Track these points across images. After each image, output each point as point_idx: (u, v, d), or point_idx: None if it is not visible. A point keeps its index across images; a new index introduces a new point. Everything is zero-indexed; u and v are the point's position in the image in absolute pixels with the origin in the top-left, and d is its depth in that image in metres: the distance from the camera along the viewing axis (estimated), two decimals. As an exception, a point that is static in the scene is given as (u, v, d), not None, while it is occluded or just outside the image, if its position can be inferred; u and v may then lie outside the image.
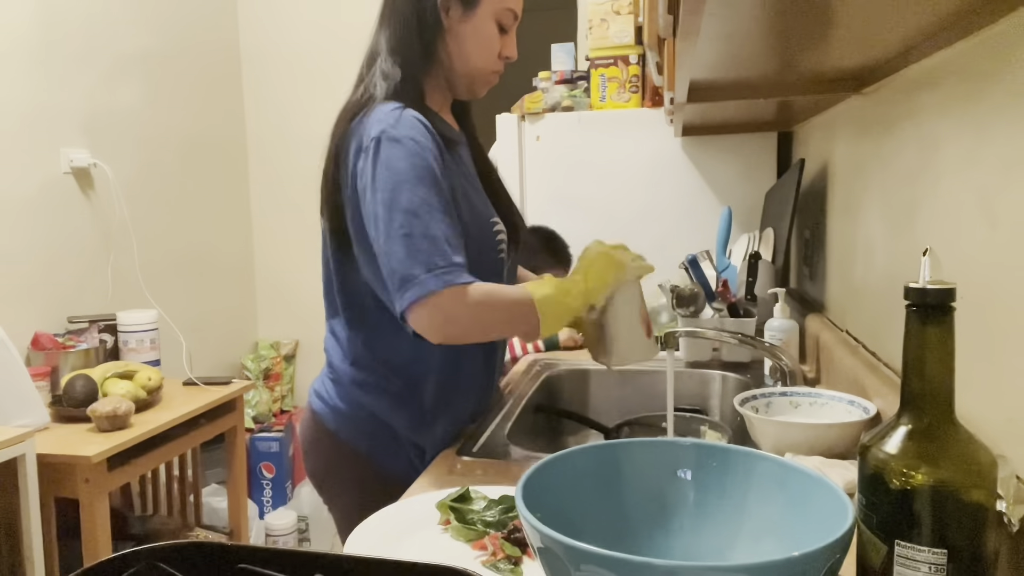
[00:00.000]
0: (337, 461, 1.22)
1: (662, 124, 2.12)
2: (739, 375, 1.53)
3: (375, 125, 1.05)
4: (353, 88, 1.18)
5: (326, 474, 1.24)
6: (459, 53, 1.14)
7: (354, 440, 1.19)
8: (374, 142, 1.04)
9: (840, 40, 0.95)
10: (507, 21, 1.15)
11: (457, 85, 1.18)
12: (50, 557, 1.78)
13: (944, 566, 0.50)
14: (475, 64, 1.15)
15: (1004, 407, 0.73)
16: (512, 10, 1.15)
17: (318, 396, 1.24)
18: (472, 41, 1.13)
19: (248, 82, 3.30)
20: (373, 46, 1.17)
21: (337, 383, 1.21)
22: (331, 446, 1.21)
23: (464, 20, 1.12)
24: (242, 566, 0.52)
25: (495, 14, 1.13)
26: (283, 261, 3.33)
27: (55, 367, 2.11)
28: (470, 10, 1.12)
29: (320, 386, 1.25)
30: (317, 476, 1.26)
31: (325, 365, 1.26)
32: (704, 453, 0.66)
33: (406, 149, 1.03)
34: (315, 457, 1.25)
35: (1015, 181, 0.71)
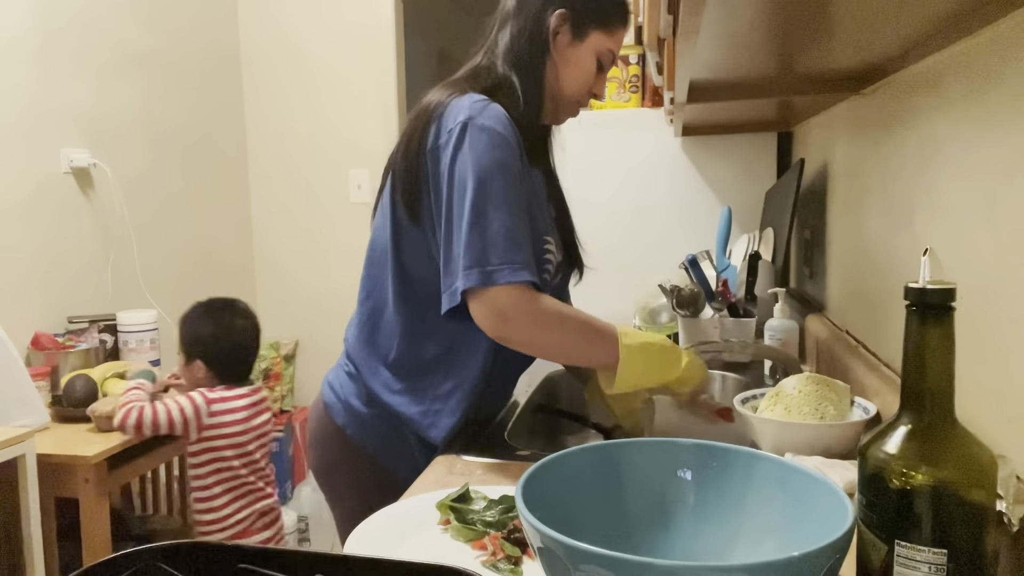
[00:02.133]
0: (342, 458, 1.21)
1: (662, 124, 2.12)
2: (739, 375, 1.53)
3: (461, 111, 1.05)
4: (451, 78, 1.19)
5: (330, 470, 1.24)
6: (556, 76, 1.17)
7: (361, 439, 1.18)
8: (459, 126, 1.04)
9: (840, 40, 0.95)
10: (606, 61, 1.19)
11: (545, 107, 1.19)
12: (50, 557, 1.78)
13: (944, 566, 0.50)
14: (568, 91, 1.18)
15: (1004, 407, 0.73)
16: (613, 52, 1.18)
17: (331, 388, 1.23)
18: (571, 69, 1.16)
19: (248, 82, 3.30)
20: (491, 44, 1.19)
21: (353, 377, 1.20)
22: (338, 442, 1.20)
23: (570, 47, 1.16)
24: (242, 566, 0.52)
25: (597, 51, 1.17)
26: (283, 261, 3.34)
27: (55, 367, 2.11)
28: (578, 40, 1.16)
29: (335, 378, 1.24)
30: (320, 471, 1.25)
31: (343, 357, 1.24)
32: (704, 453, 0.66)
33: (491, 139, 1.04)
34: (321, 452, 1.24)
35: (1015, 181, 0.71)
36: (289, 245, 3.32)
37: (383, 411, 1.17)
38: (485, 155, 1.03)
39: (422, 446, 1.18)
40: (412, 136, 1.11)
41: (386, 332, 1.17)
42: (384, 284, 1.17)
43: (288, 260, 3.33)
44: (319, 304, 3.27)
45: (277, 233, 3.34)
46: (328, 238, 3.25)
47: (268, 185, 3.33)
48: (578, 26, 1.15)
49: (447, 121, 1.06)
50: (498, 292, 1.01)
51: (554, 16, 1.14)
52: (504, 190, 1.03)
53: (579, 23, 1.15)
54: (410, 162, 1.10)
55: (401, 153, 1.12)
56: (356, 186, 3.20)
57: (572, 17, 1.15)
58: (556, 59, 1.16)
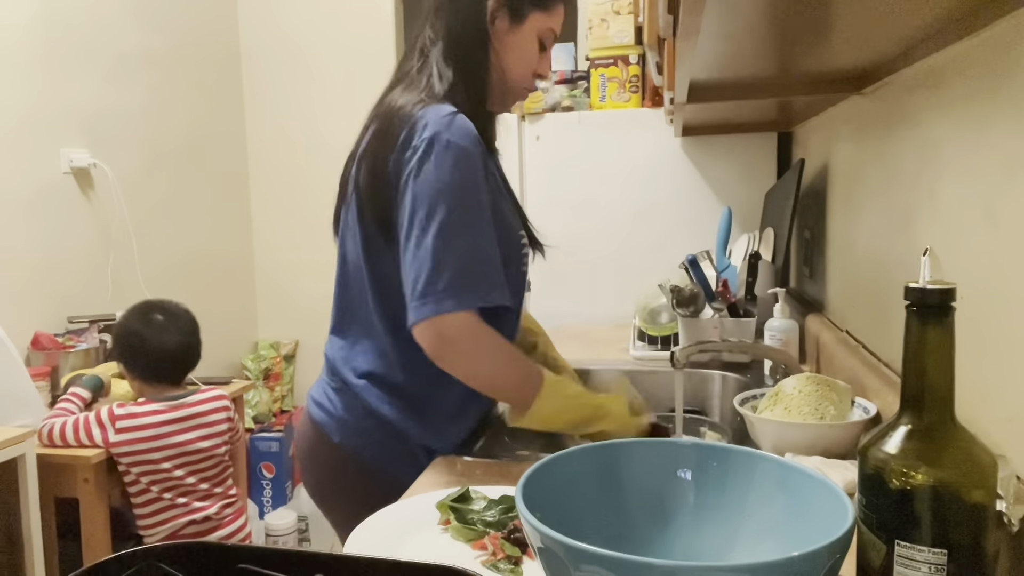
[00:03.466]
0: (340, 471, 1.17)
1: (662, 124, 2.12)
2: (739, 375, 1.53)
3: (429, 126, 1.03)
4: (396, 81, 1.17)
5: (327, 485, 1.20)
6: (499, 64, 1.14)
7: (359, 450, 1.15)
8: (425, 143, 1.02)
9: (840, 40, 0.95)
10: (548, 39, 1.16)
11: (491, 97, 1.17)
12: (50, 557, 1.78)
13: (944, 566, 0.50)
14: (512, 77, 1.16)
15: (1004, 407, 0.73)
16: (554, 30, 1.16)
17: (318, 406, 1.19)
18: (514, 54, 1.14)
19: (248, 82, 3.30)
20: (423, 42, 1.15)
21: (342, 392, 1.16)
22: (334, 457, 1.16)
23: (510, 32, 1.13)
24: (242, 566, 0.52)
25: (539, 31, 1.14)
26: (283, 261, 3.34)
27: (55, 367, 2.11)
28: (517, 23, 1.13)
29: (320, 395, 1.20)
30: (318, 487, 1.22)
31: (325, 374, 1.22)
32: (704, 453, 0.66)
33: (456, 157, 1.02)
34: (315, 468, 1.20)
35: (1015, 181, 0.71)
36: (289, 245, 3.32)
37: (378, 421, 1.14)
38: (448, 174, 1.01)
39: (425, 448, 1.15)
40: (377, 150, 1.08)
41: (377, 351, 1.14)
42: (365, 303, 1.14)
43: (288, 260, 3.33)
44: (319, 304, 3.26)
45: (277, 233, 3.34)
46: (328, 238, 3.23)
47: (268, 185, 3.33)
48: (516, 9, 1.12)
49: (413, 135, 1.03)
50: (444, 320, 1.00)
51: (491, 2, 1.11)
52: (470, 211, 1.02)
53: (517, 6, 1.12)
54: (377, 177, 1.07)
55: (367, 168, 1.09)
56: (356, 186, 3.19)
57: (508, 1, 1.12)
58: (497, 46, 1.13)
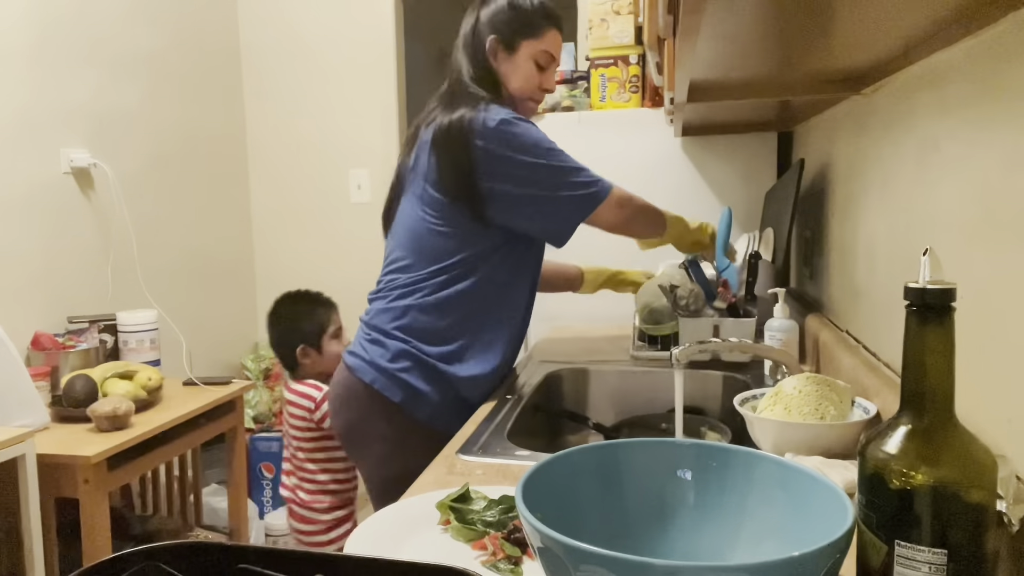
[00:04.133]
0: (370, 412, 1.38)
1: (662, 124, 2.12)
2: (739, 375, 1.53)
3: (498, 113, 1.35)
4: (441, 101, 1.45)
5: (358, 427, 1.41)
6: (506, 85, 1.46)
7: (389, 390, 1.36)
8: (502, 121, 1.34)
9: (840, 40, 0.95)
10: (543, 61, 1.46)
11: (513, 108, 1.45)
12: (50, 557, 1.78)
13: (944, 566, 0.50)
14: (518, 93, 1.46)
15: (1004, 407, 0.73)
16: (548, 52, 1.45)
17: (353, 355, 1.43)
18: (513, 75, 1.45)
19: (248, 82, 3.30)
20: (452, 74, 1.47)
21: (375, 342, 1.40)
22: (365, 397, 1.38)
23: (507, 60, 1.45)
24: (242, 566, 0.52)
25: (532, 55, 1.45)
26: (283, 261, 3.33)
27: (55, 367, 2.11)
28: (512, 53, 1.44)
29: (356, 346, 1.45)
30: (347, 429, 1.43)
31: (360, 331, 1.46)
32: (704, 453, 0.66)
33: (524, 126, 1.36)
34: (347, 410, 1.42)
35: (1015, 181, 0.71)
36: (289, 245, 3.32)
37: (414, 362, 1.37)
38: (531, 130, 1.36)
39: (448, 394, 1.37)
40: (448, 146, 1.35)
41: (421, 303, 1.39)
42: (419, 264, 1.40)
43: (288, 260, 3.33)
44: (319, 304, 3.27)
45: (277, 233, 3.34)
46: (328, 238, 3.25)
47: (268, 185, 3.33)
48: (508, 43, 1.43)
49: (488, 123, 1.33)
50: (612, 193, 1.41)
51: (489, 41, 1.43)
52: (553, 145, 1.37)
53: (508, 40, 1.43)
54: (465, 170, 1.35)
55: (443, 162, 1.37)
56: (356, 186, 3.20)
57: (502, 39, 1.43)
58: (500, 72, 1.45)
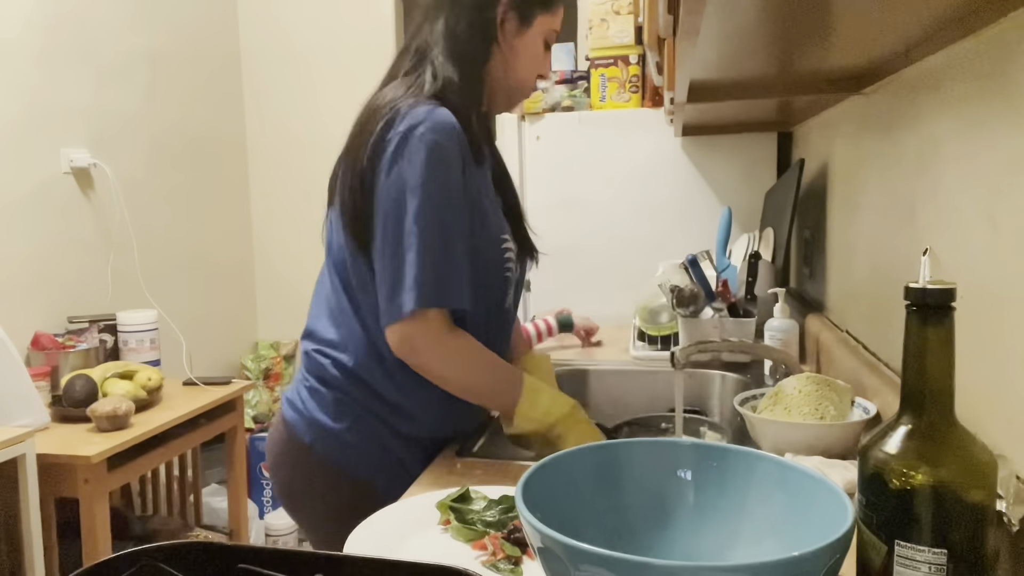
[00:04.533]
0: (312, 477, 1.14)
1: (662, 124, 2.12)
2: (739, 375, 1.53)
3: (406, 119, 1.02)
4: (387, 80, 1.15)
5: (299, 492, 1.17)
6: (507, 66, 1.14)
7: (333, 454, 1.13)
8: (399, 136, 1.01)
9: (840, 40, 0.95)
10: (551, 40, 1.18)
11: (496, 98, 1.17)
12: (50, 557, 1.78)
13: (944, 566, 0.50)
14: (518, 78, 1.16)
15: (1004, 407, 0.73)
16: (556, 30, 1.17)
17: (291, 406, 1.17)
18: (522, 55, 1.14)
19: (248, 82, 3.30)
20: (421, 41, 1.13)
21: (316, 393, 1.14)
22: (306, 461, 1.14)
23: (518, 34, 1.13)
24: (242, 566, 0.52)
25: (544, 33, 1.15)
26: (283, 261, 3.34)
27: (55, 367, 2.11)
28: (525, 27, 1.13)
29: (294, 395, 1.17)
30: (289, 495, 1.19)
31: (300, 372, 1.19)
32: (704, 453, 0.66)
33: (429, 151, 1.00)
34: (286, 474, 1.17)
35: (1015, 181, 0.71)
36: (289, 245, 3.32)
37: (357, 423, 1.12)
38: (422, 170, 1.00)
39: (406, 450, 1.14)
40: (354, 147, 1.06)
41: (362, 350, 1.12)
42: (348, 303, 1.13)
43: (288, 260, 3.33)
44: (319, 304, 3.27)
45: (277, 233, 3.34)
46: (328, 238, 3.25)
47: (268, 185, 3.33)
48: (524, 14, 1.12)
49: (388, 129, 1.02)
50: (409, 323, 1.01)
51: (500, 6, 1.11)
52: (438, 210, 1.01)
53: (525, 10, 1.12)
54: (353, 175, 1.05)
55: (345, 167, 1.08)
56: (356, 186, 3.19)
57: (517, 5, 1.12)
58: (504, 49, 1.13)
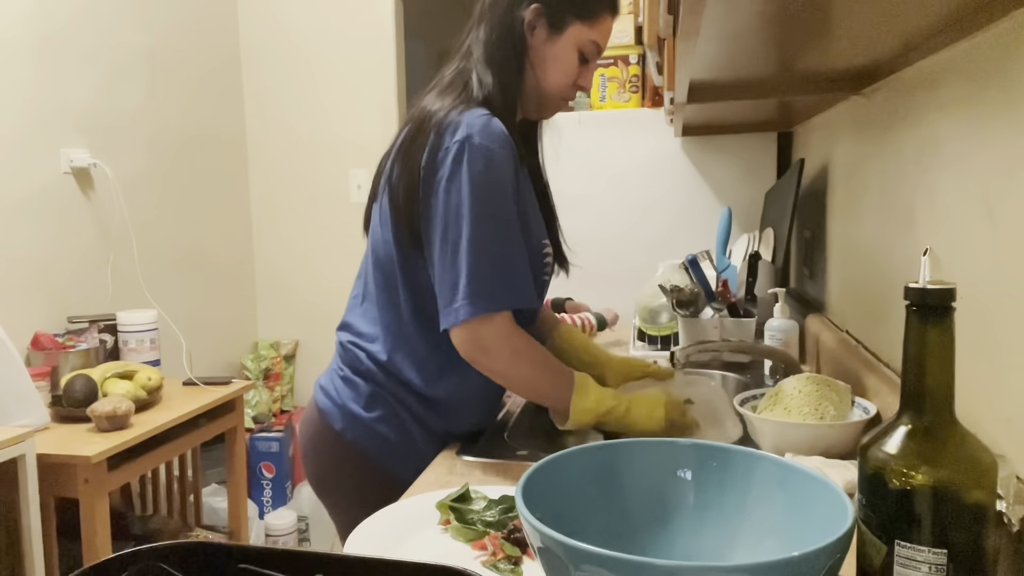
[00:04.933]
0: (342, 463, 1.18)
1: (662, 124, 2.12)
2: (739, 375, 1.53)
3: (462, 128, 1.03)
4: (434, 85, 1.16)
5: (329, 476, 1.21)
6: (536, 74, 1.14)
7: (362, 443, 1.15)
8: (456, 145, 1.02)
9: (840, 40, 0.95)
10: (589, 52, 1.15)
11: (528, 105, 1.18)
12: (50, 557, 1.78)
13: (944, 566, 0.50)
14: (549, 87, 1.15)
15: (1004, 407, 0.73)
16: (596, 43, 1.14)
17: (325, 394, 1.20)
18: (551, 65, 1.13)
19: (248, 82, 3.30)
20: (465, 48, 1.15)
21: (349, 382, 1.17)
22: (337, 448, 1.17)
23: (548, 42, 1.12)
24: (242, 566, 0.52)
25: (578, 43, 1.13)
26: (283, 261, 3.33)
27: (55, 367, 2.11)
28: (555, 34, 1.12)
29: (328, 383, 1.21)
30: (319, 478, 1.22)
31: (335, 362, 1.22)
32: (704, 453, 0.66)
33: (489, 160, 1.02)
34: (317, 458, 1.21)
35: (1015, 181, 0.71)
36: (289, 245, 3.32)
37: (388, 414, 1.15)
38: (480, 178, 1.02)
39: (430, 443, 1.16)
40: (411, 152, 1.07)
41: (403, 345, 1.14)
42: (395, 298, 1.14)
43: (288, 260, 3.33)
44: (319, 304, 3.27)
45: (277, 233, 3.34)
46: (328, 238, 3.25)
47: (268, 185, 3.33)
48: (555, 19, 1.11)
49: (445, 138, 1.04)
50: (479, 324, 1.03)
51: (528, 11, 1.10)
52: (500, 215, 1.04)
53: (555, 16, 1.11)
54: (411, 178, 1.07)
55: (401, 170, 1.09)
56: (356, 186, 3.20)
57: (547, 11, 1.11)
58: (533, 56, 1.12)
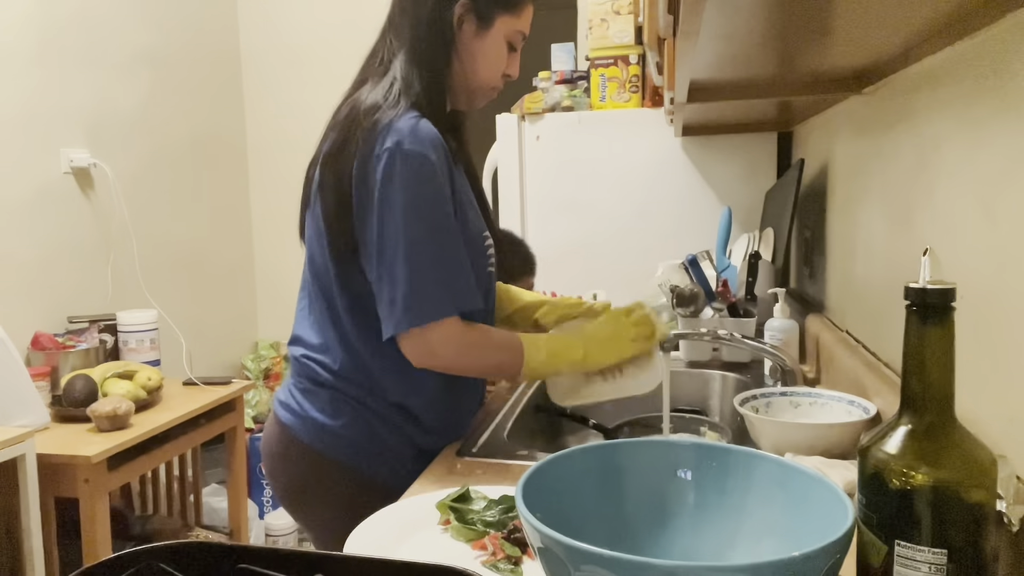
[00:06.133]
0: (316, 475, 1.14)
1: (662, 124, 2.12)
2: (739, 375, 1.53)
3: (391, 134, 1.02)
4: (356, 86, 1.14)
5: (304, 491, 1.17)
6: (464, 67, 1.13)
7: (332, 451, 1.13)
8: (387, 153, 1.01)
9: (840, 40, 0.95)
10: (516, 41, 1.15)
11: (457, 97, 1.17)
12: (50, 557, 1.78)
13: (944, 566, 0.50)
14: (479, 80, 1.14)
15: (1004, 407, 0.73)
16: (522, 31, 1.15)
17: (287, 408, 1.16)
18: (481, 57, 1.13)
19: (248, 82, 3.30)
20: (384, 48, 1.14)
21: (309, 393, 1.15)
22: (307, 459, 1.14)
23: (477, 37, 1.12)
24: (242, 566, 0.52)
25: (507, 35, 1.13)
26: (283, 261, 3.33)
27: (55, 367, 2.11)
28: (484, 28, 1.11)
29: (288, 398, 1.17)
30: (293, 494, 1.18)
31: (291, 377, 1.20)
32: (704, 453, 0.66)
33: (420, 165, 1.01)
34: (288, 474, 1.17)
35: (1015, 181, 0.71)
36: (289, 245, 3.29)
37: (357, 417, 1.13)
38: (413, 185, 1.01)
39: (402, 442, 1.15)
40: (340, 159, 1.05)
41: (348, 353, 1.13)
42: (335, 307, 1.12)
43: (288, 260, 3.32)
44: (319, 304, 3.27)
45: (277, 233, 3.34)
46: (328, 238, 3.25)
47: (268, 185, 3.33)
48: (483, 14, 1.10)
49: (375, 146, 1.02)
50: (425, 332, 1.03)
51: (457, 7, 1.09)
52: (433, 221, 1.03)
53: (484, 11, 1.10)
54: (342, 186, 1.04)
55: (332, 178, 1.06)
56: (356, 186, 3.20)
57: (475, 6, 1.10)
58: (462, 51, 1.11)
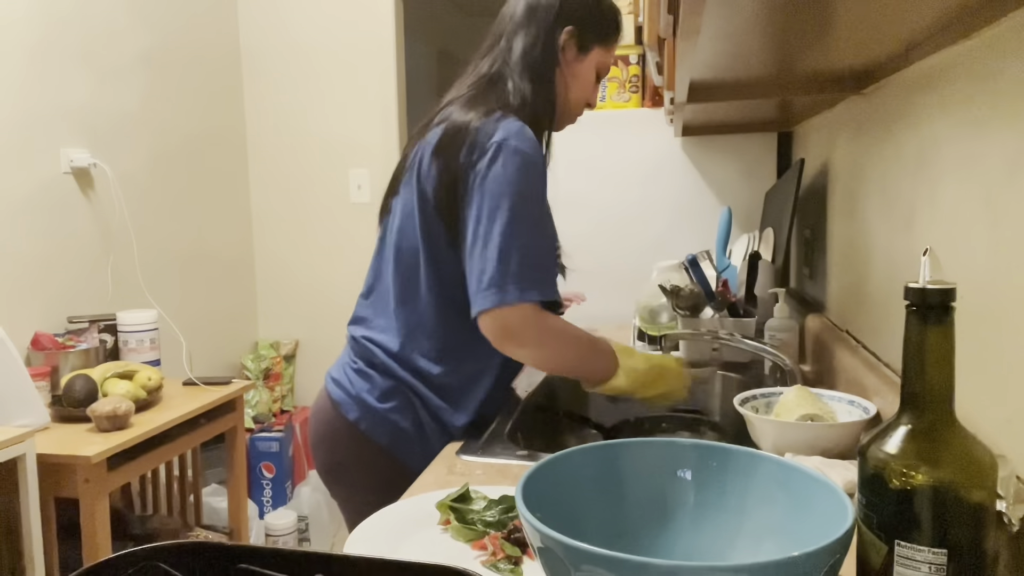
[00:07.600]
0: (355, 452, 1.22)
1: (662, 124, 2.12)
2: (739, 375, 1.53)
3: (499, 132, 1.10)
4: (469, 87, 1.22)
5: (341, 466, 1.25)
6: (564, 88, 1.25)
7: (375, 433, 1.20)
8: (494, 147, 1.10)
9: (840, 40, 0.95)
10: (603, 73, 1.29)
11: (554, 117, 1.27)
12: (50, 557, 1.78)
13: (944, 566, 0.50)
14: (571, 102, 1.27)
15: (1004, 407, 0.73)
16: (608, 64, 1.28)
17: (338, 385, 1.25)
18: (574, 82, 1.25)
19: (248, 82, 3.30)
20: (498, 63, 1.22)
21: (363, 375, 1.23)
22: (349, 438, 1.22)
23: (575, 61, 1.24)
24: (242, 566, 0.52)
25: (598, 65, 1.26)
26: (283, 261, 3.33)
27: (55, 367, 2.11)
28: (583, 55, 1.24)
29: (341, 375, 1.26)
30: (330, 468, 1.26)
31: (347, 355, 1.28)
32: (704, 453, 0.66)
33: (524, 162, 1.10)
34: (329, 449, 1.25)
35: (1015, 181, 0.71)
36: (289, 245, 3.32)
37: (406, 404, 1.20)
38: (516, 177, 1.09)
39: (438, 435, 1.21)
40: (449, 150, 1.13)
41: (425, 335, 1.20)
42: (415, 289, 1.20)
43: (288, 260, 3.33)
44: (319, 304, 3.27)
45: (277, 233, 3.34)
46: (328, 238, 3.25)
47: (268, 185, 3.33)
48: (583, 42, 1.23)
49: (481, 139, 1.11)
50: (507, 311, 1.08)
51: (564, 32, 1.21)
52: (531, 212, 1.11)
53: (584, 39, 1.23)
54: (449, 175, 1.13)
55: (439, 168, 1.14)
56: (356, 186, 3.20)
57: (578, 33, 1.22)
58: (564, 72, 1.23)
